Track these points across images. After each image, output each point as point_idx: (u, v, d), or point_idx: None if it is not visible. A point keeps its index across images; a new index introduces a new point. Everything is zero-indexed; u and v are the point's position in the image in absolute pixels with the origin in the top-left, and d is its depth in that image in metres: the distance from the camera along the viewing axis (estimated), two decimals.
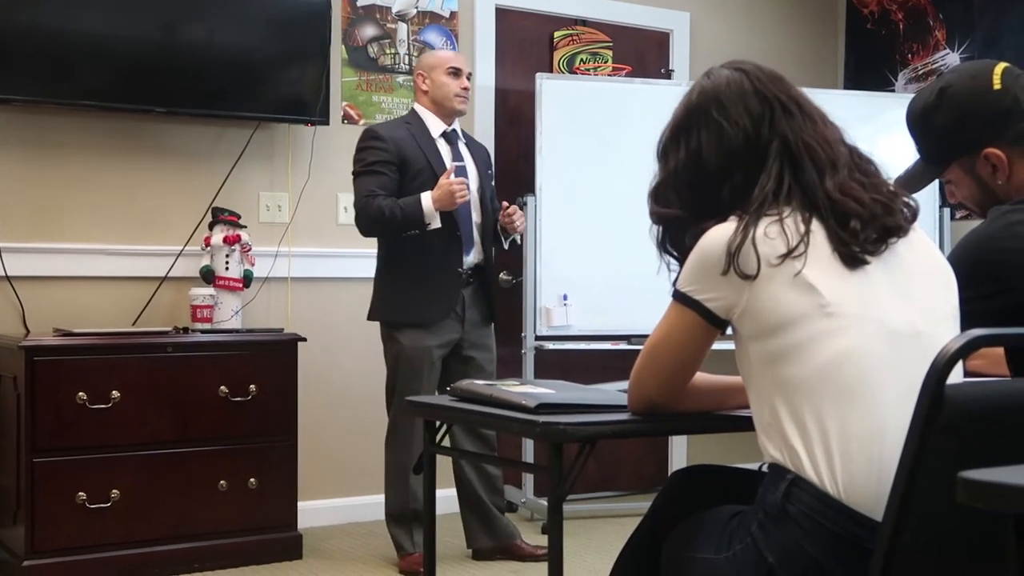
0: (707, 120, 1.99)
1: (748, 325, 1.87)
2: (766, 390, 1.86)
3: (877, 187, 1.94)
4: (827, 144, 1.95)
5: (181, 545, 4.06)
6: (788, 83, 2.03)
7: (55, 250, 4.37)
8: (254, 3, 4.61)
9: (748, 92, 1.99)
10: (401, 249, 4.15)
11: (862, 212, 1.87)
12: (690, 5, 5.86)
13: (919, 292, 1.90)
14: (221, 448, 4.15)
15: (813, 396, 1.80)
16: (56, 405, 3.87)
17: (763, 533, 1.81)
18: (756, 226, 1.85)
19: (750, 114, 1.97)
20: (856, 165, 1.96)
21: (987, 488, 1.20)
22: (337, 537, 4.66)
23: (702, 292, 1.90)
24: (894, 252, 1.90)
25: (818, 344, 1.80)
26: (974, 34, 5.64)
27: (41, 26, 4.20)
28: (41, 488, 3.85)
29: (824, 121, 2.00)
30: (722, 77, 2.03)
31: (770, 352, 1.84)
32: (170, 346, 4.10)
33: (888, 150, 2.04)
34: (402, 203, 4.04)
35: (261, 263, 4.61)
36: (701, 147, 1.99)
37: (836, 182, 1.90)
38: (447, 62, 4.31)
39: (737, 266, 1.83)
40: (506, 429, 2.17)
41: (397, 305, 4.18)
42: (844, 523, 1.75)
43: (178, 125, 4.59)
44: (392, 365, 4.21)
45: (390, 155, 4.12)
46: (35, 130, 4.35)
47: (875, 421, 1.78)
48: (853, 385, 1.79)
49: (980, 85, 2.23)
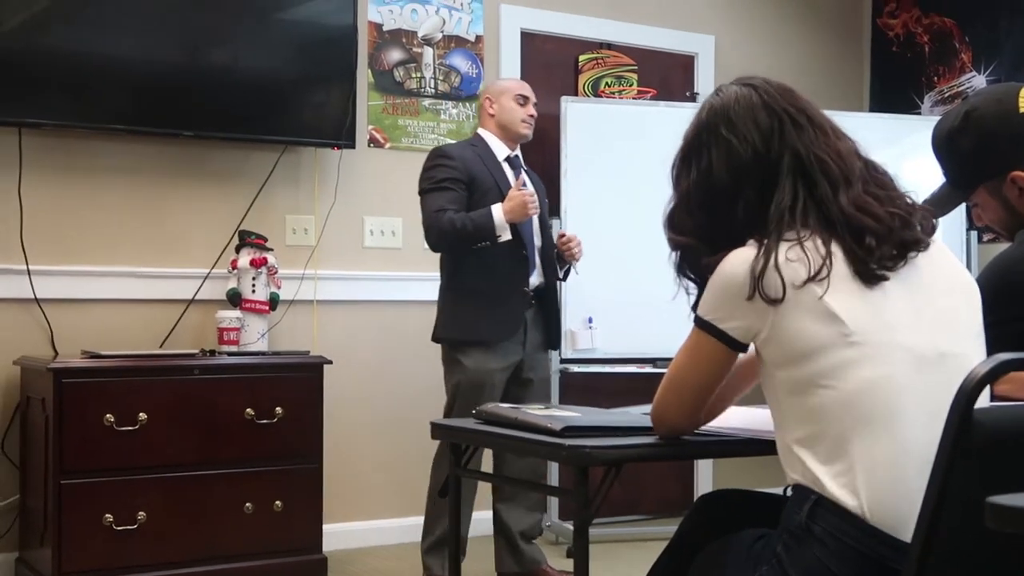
0: (716, 138, 1.98)
1: (772, 352, 1.87)
2: (791, 416, 1.86)
3: (893, 200, 1.92)
4: (840, 157, 1.92)
5: (207, 567, 4.06)
6: (798, 95, 2.01)
7: (83, 273, 4.40)
8: (281, 27, 4.64)
9: (757, 106, 1.97)
10: (467, 268, 4.13)
11: (878, 228, 1.85)
12: (715, 28, 5.86)
13: (941, 309, 1.88)
14: (247, 471, 4.16)
15: (839, 423, 1.79)
16: (84, 427, 3.88)
17: (788, 554, 1.80)
18: (777, 249, 1.84)
19: (759, 128, 1.95)
20: (871, 178, 1.94)
21: (1016, 513, 1.19)
22: (362, 560, 4.66)
23: (725, 320, 1.90)
24: (914, 267, 1.89)
25: (844, 373, 1.79)
26: (1000, 56, 5.63)
27: (70, 51, 4.24)
28: (68, 510, 3.86)
29: (836, 133, 1.98)
30: (731, 93, 2.02)
31: (795, 380, 1.84)
32: (197, 368, 4.11)
33: (914, 173, 2.03)
34: (473, 215, 4.04)
35: (287, 286, 4.63)
36: (712, 165, 1.97)
37: (850, 197, 1.88)
38: (515, 89, 4.35)
39: (762, 290, 1.82)
40: (532, 453, 2.17)
41: (462, 324, 4.15)
42: (869, 542, 1.75)
43: (205, 148, 4.62)
44: (454, 385, 4.16)
45: (459, 173, 4.12)
46: (64, 154, 4.39)
47: (901, 445, 1.77)
48: (879, 412, 1.78)
49: (1006, 108, 2.22)
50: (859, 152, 1.98)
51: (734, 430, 2.18)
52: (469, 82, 5.22)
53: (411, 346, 5.03)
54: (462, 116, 5.20)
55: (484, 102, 4.35)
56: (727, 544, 1.98)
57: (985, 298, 2.14)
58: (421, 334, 5.04)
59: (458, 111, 5.19)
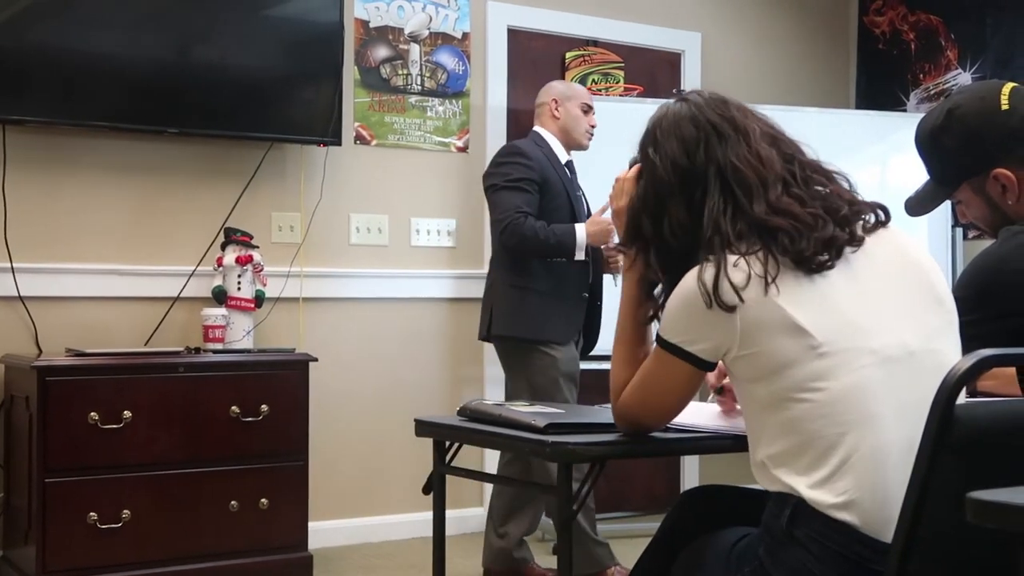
0: (645, 157, 2.02)
1: (743, 369, 1.87)
2: (768, 429, 1.86)
3: (824, 198, 1.90)
4: (759, 162, 1.91)
5: (192, 566, 4.05)
6: (731, 104, 2.00)
7: (68, 270, 4.38)
8: (267, 24, 4.63)
9: (684, 119, 1.98)
10: (537, 268, 4.11)
11: (792, 227, 1.84)
12: (701, 26, 5.87)
13: (904, 304, 1.87)
14: (232, 468, 4.15)
15: (815, 432, 1.79)
16: (68, 425, 3.87)
17: (770, 557, 1.81)
18: (725, 259, 1.84)
19: (683, 141, 1.96)
20: (802, 178, 1.92)
21: (996, 508, 1.20)
22: (348, 558, 4.65)
23: (693, 343, 1.90)
24: (868, 262, 1.88)
25: (816, 384, 1.79)
26: (986, 54, 5.64)
27: (55, 48, 4.23)
28: (52, 508, 3.85)
29: (765, 137, 1.95)
30: (663, 110, 2.04)
31: (769, 395, 1.84)
32: (182, 366, 4.10)
33: (900, 170, 2.03)
34: (556, 230, 4.03)
35: (273, 283, 4.62)
36: (644, 185, 2.01)
37: (767, 202, 1.87)
38: (583, 97, 4.34)
39: (718, 298, 1.82)
40: (516, 449, 2.17)
41: (535, 323, 4.11)
42: (851, 545, 1.75)
43: (191, 146, 4.61)
44: (527, 382, 4.11)
45: (535, 174, 4.10)
46: (49, 151, 4.37)
47: (878, 448, 1.77)
48: (854, 419, 1.78)
49: (988, 106, 2.23)
50: (793, 153, 1.96)
51: (712, 426, 2.18)
52: (456, 79, 5.22)
53: (397, 343, 5.04)
54: (449, 113, 5.19)
55: (550, 103, 4.32)
56: (709, 544, 1.98)
57: (969, 295, 2.15)
58: (407, 331, 5.06)
59: (445, 108, 5.19)
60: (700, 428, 2.18)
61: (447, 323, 5.17)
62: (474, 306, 5.20)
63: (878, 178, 5.24)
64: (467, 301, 5.19)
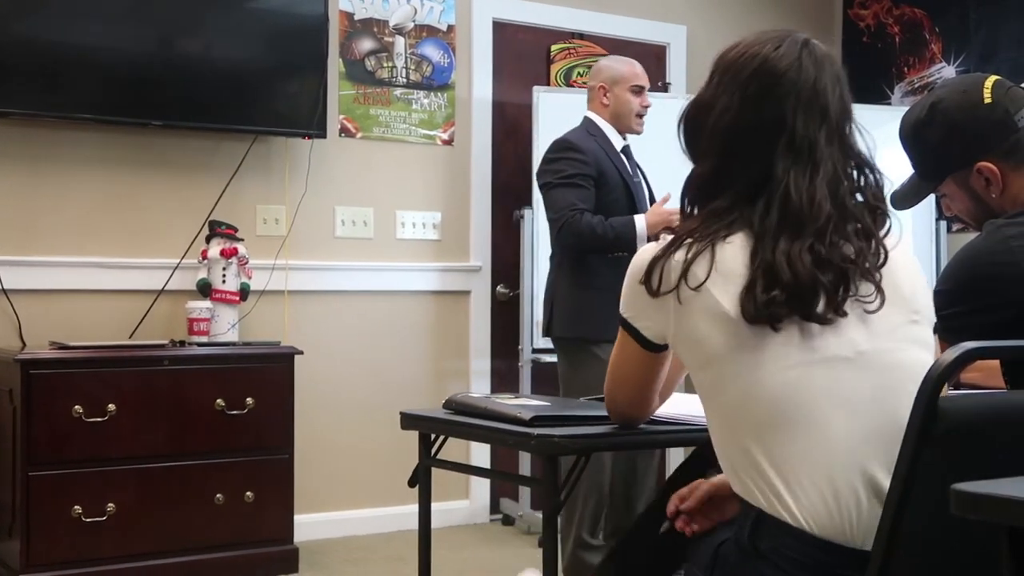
0: (738, 88, 1.86)
1: (683, 355, 1.85)
2: (713, 421, 1.83)
3: (837, 265, 1.76)
4: (808, 204, 1.77)
5: (177, 559, 4.05)
6: (826, 108, 1.85)
7: (51, 263, 4.36)
8: (251, 17, 4.62)
9: (776, 94, 1.82)
10: (598, 264, 3.98)
11: (788, 283, 1.72)
12: (687, 19, 5.87)
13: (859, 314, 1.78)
14: (217, 461, 4.14)
15: (751, 432, 1.75)
16: (52, 418, 3.86)
17: (737, 569, 1.79)
18: (681, 248, 1.79)
19: (774, 112, 1.82)
20: (831, 231, 1.77)
21: (981, 500, 1.20)
22: (334, 551, 4.65)
23: (638, 319, 1.88)
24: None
25: (749, 380, 1.74)
26: (970, 47, 5.66)
27: (38, 39, 4.20)
28: (37, 502, 3.84)
29: (823, 176, 1.80)
30: (785, 58, 1.84)
31: (708, 383, 1.80)
32: (166, 359, 4.09)
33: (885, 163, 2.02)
34: (614, 223, 3.90)
35: (258, 276, 4.61)
36: (727, 105, 1.86)
37: (788, 245, 1.75)
38: (632, 79, 4.18)
39: (650, 284, 1.80)
40: (501, 442, 2.17)
41: (594, 321, 3.92)
42: (813, 553, 1.70)
43: (175, 138, 4.59)
44: (584, 383, 3.85)
45: (589, 168, 3.98)
46: (32, 143, 4.35)
47: (821, 447, 1.72)
48: (790, 419, 1.72)
49: (971, 99, 2.23)
50: (843, 196, 1.81)
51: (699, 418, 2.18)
52: (441, 72, 5.21)
53: (382, 336, 5.03)
54: (434, 106, 5.19)
55: (598, 90, 4.18)
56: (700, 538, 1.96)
57: (953, 288, 2.15)
58: (393, 324, 5.06)
59: (430, 101, 5.18)
60: (685, 420, 2.18)
61: (432, 316, 5.17)
62: (459, 299, 5.21)
63: None
64: (452, 294, 5.19)
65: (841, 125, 1.87)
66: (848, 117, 1.89)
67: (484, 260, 5.28)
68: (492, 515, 5.28)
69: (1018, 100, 2.22)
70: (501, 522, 5.24)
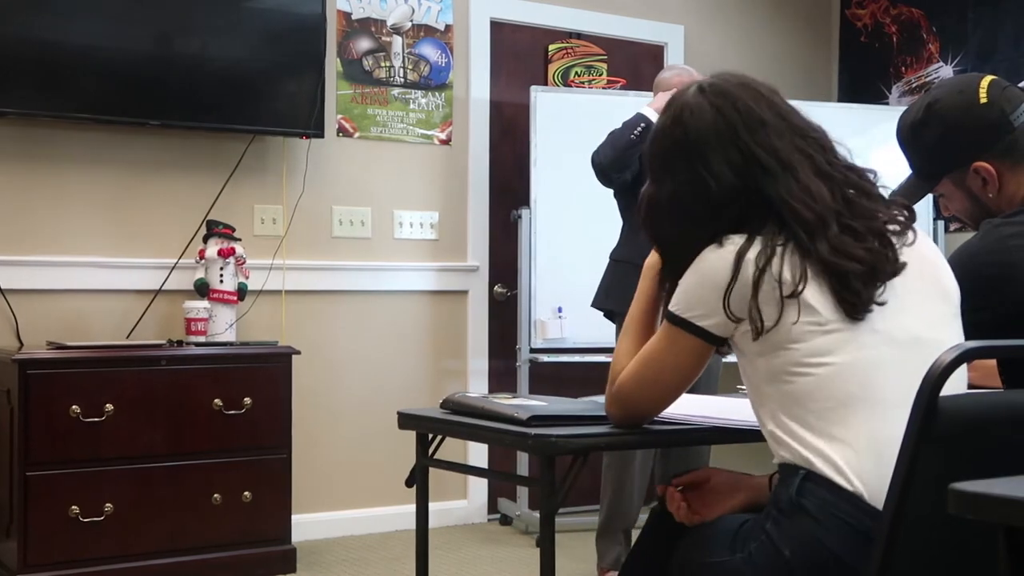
0: (691, 165, 1.96)
1: (747, 344, 1.90)
2: (773, 403, 1.88)
3: (871, 226, 1.90)
4: (811, 199, 1.89)
5: (175, 559, 4.05)
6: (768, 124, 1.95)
7: (49, 263, 4.36)
8: (249, 16, 4.61)
9: (728, 143, 1.94)
10: (631, 239, 4.11)
11: (861, 270, 1.84)
12: (684, 18, 5.87)
13: (913, 298, 1.90)
14: (215, 461, 4.14)
15: (820, 408, 1.82)
16: (49, 418, 3.86)
17: (777, 529, 1.80)
18: (755, 249, 1.87)
19: (732, 167, 1.93)
20: (846, 205, 1.91)
21: (978, 499, 1.20)
22: (332, 551, 4.65)
23: (704, 317, 1.91)
24: None
25: (821, 359, 1.82)
26: (967, 47, 5.66)
27: (36, 39, 4.20)
28: (34, 502, 3.83)
29: (801, 165, 1.93)
30: (706, 120, 1.97)
31: (774, 368, 1.86)
32: (164, 359, 4.09)
33: (882, 163, 2.03)
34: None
35: (255, 276, 4.61)
36: (687, 185, 1.97)
37: (828, 241, 1.86)
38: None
39: (739, 286, 1.86)
40: (498, 442, 2.17)
41: (623, 295, 4.07)
42: (858, 516, 1.76)
43: (173, 138, 4.59)
44: None
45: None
46: (29, 143, 4.35)
47: (881, 423, 1.79)
48: (857, 394, 1.81)
49: (967, 99, 2.23)
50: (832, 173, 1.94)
51: (694, 418, 2.18)
52: (438, 71, 5.21)
53: (380, 336, 5.03)
54: (431, 105, 5.19)
55: (659, 97, 4.29)
56: (712, 526, 1.97)
57: None
58: (390, 324, 5.06)
59: (427, 100, 5.18)
60: (685, 420, 2.18)
61: (430, 316, 5.17)
62: (457, 298, 5.21)
63: None
64: (450, 294, 5.19)
65: (790, 122, 1.98)
66: (789, 115, 2.00)
67: (482, 260, 5.28)
68: (490, 515, 5.28)
69: (1014, 100, 2.23)
70: (499, 522, 5.24)
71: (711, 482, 2.07)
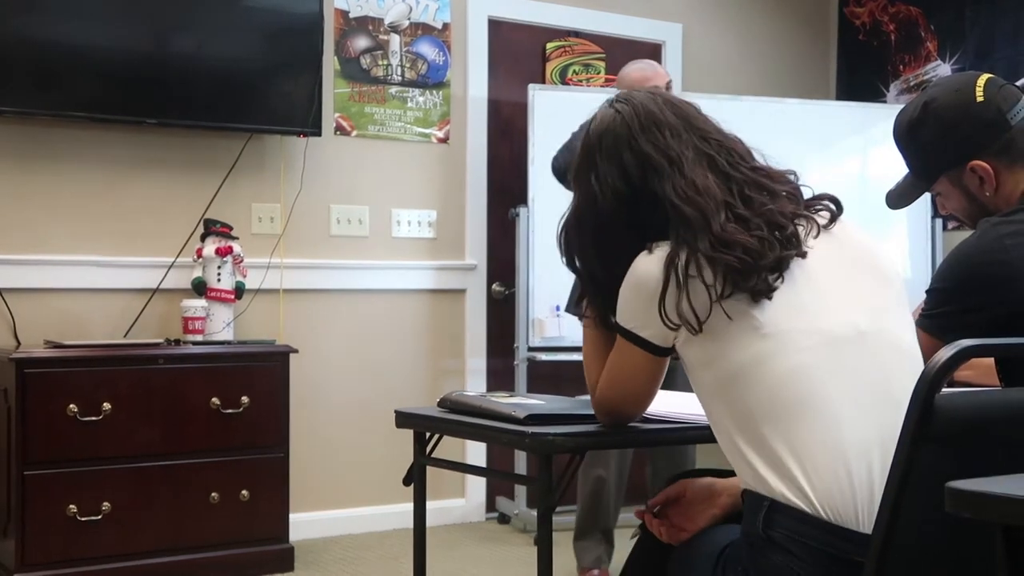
0: (592, 171, 1.98)
1: (690, 354, 1.88)
2: (721, 418, 1.86)
3: (766, 215, 1.87)
4: (696, 194, 1.87)
5: (172, 558, 4.05)
6: (663, 121, 1.96)
7: (46, 262, 4.36)
8: (247, 15, 4.61)
9: (623, 143, 1.96)
10: None
11: (746, 258, 1.81)
12: (683, 17, 5.87)
13: (848, 289, 1.87)
14: (213, 460, 4.14)
15: (765, 419, 1.78)
16: (47, 417, 3.85)
17: (753, 563, 1.79)
18: (684, 252, 1.85)
19: (624, 171, 1.94)
20: (742, 198, 1.89)
21: (976, 498, 1.20)
22: (329, 549, 4.65)
23: (643, 327, 1.91)
24: (813, 252, 1.87)
25: (761, 367, 1.79)
26: (965, 45, 5.66)
27: (33, 37, 4.20)
28: (32, 501, 3.83)
29: (695, 160, 1.92)
30: (605, 123, 2.00)
31: (716, 380, 1.84)
32: (161, 358, 4.09)
33: (880, 161, 2.03)
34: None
35: (253, 275, 4.60)
36: (596, 192, 1.98)
37: (711, 237, 1.83)
38: (642, 82, 4.25)
39: (670, 292, 1.84)
40: (496, 440, 2.17)
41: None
42: (829, 540, 1.73)
43: (170, 137, 4.58)
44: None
45: None
46: (26, 141, 4.34)
47: (834, 432, 1.75)
48: (803, 402, 1.77)
49: (963, 98, 2.23)
50: (729, 172, 1.92)
51: (686, 415, 2.18)
52: (436, 70, 5.21)
53: (377, 335, 5.03)
54: (429, 104, 5.18)
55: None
56: (701, 542, 1.96)
57: (948, 286, 2.16)
58: (388, 323, 5.06)
59: (425, 99, 5.17)
60: (679, 418, 2.18)
61: (428, 314, 5.17)
62: (455, 297, 5.21)
63: (858, 169, 5.26)
64: (448, 292, 5.19)
65: (693, 125, 1.98)
66: (695, 119, 2.00)
67: (480, 258, 5.28)
68: (488, 514, 5.28)
69: (1011, 98, 2.23)
70: (497, 520, 5.24)
71: (687, 495, 2.04)
